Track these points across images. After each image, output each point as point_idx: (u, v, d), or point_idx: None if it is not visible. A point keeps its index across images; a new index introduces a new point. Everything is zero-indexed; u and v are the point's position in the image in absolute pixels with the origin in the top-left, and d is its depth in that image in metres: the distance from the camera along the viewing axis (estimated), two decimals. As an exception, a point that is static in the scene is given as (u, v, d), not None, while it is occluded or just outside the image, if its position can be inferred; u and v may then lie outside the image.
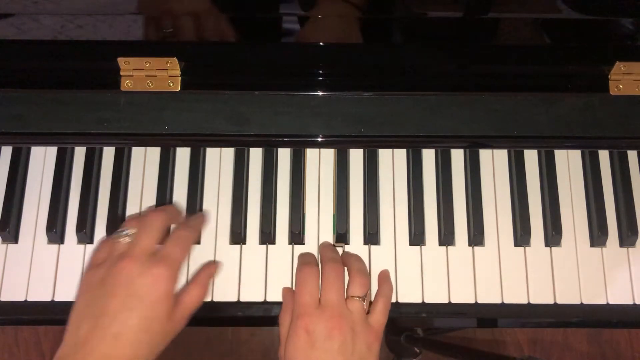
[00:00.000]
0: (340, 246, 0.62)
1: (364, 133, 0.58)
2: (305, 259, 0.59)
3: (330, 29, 0.59)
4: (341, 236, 0.62)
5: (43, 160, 0.64)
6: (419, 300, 0.60)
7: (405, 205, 0.63)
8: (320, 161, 0.64)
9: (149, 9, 0.57)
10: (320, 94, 0.59)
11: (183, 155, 0.64)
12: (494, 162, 0.65)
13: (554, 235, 0.61)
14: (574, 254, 0.62)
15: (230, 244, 0.62)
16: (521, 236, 0.61)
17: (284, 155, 0.65)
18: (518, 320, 0.61)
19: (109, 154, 0.64)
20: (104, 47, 0.59)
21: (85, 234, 0.61)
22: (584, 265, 0.61)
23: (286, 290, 0.59)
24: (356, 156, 0.65)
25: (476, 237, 0.61)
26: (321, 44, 0.59)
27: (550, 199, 0.63)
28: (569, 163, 0.65)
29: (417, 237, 0.61)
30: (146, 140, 0.61)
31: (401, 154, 0.65)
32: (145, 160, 0.64)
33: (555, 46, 0.60)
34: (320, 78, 0.60)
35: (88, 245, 0.62)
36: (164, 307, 0.50)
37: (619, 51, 0.59)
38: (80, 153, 0.64)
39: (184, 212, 0.62)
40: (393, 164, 0.64)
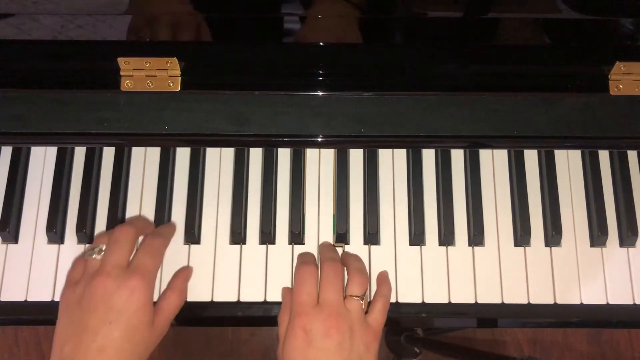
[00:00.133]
0: (340, 246, 0.62)
1: (364, 133, 0.58)
2: (304, 259, 0.59)
3: (330, 29, 0.59)
4: (341, 236, 0.62)
5: (43, 160, 0.64)
6: (419, 300, 0.60)
7: (405, 205, 0.63)
8: (320, 161, 0.64)
9: (149, 8, 0.57)
10: (320, 94, 0.59)
11: (183, 155, 0.64)
12: (494, 162, 0.65)
13: (554, 235, 0.61)
14: (574, 254, 0.62)
15: (230, 244, 0.62)
16: (521, 236, 0.61)
17: (284, 155, 0.65)
18: (518, 320, 0.61)
19: (109, 154, 0.64)
20: (104, 47, 0.59)
21: (85, 234, 0.61)
22: (584, 265, 0.61)
23: (285, 290, 0.59)
24: (356, 156, 0.65)
25: (476, 237, 0.61)
26: (321, 44, 0.59)
27: (550, 199, 0.62)
28: (569, 163, 0.65)
29: (417, 237, 0.61)
30: (146, 140, 0.61)
31: (401, 154, 0.65)
32: (145, 160, 0.64)
33: (555, 46, 0.60)
34: (320, 78, 0.60)
35: (88, 245, 0.62)
36: (144, 316, 0.52)
37: (619, 51, 0.59)
38: (80, 153, 0.64)
39: (152, 221, 0.62)
40: (393, 164, 0.64)
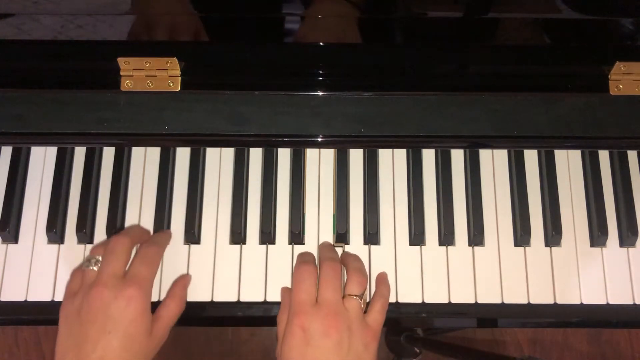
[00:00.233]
0: (340, 246, 0.62)
1: (364, 133, 0.58)
2: (304, 258, 0.59)
3: (330, 29, 0.59)
4: (341, 236, 0.62)
5: (43, 160, 0.64)
6: (419, 300, 0.60)
7: (405, 205, 0.63)
8: (320, 161, 0.64)
9: (149, 9, 0.57)
10: (320, 94, 0.59)
11: (183, 155, 0.64)
12: (494, 162, 0.65)
13: (554, 235, 0.61)
14: (574, 254, 0.62)
15: (230, 244, 0.62)
16: (521, 236, 0.61)
17: (284, 155, 0.65)
18: (518, 320, 0.61)
19: (109, 154, 0.64)
20: (104, 47, 0.59)
21: (85, 234, 0.61)
22: (584, 265, 0.61)
23: (284, 290, 0.59)
24: (356, 156, 0.65)
25: (476, 237, 0.61)
26: (321, 44, 0.59)
27: (550, 199, 0.62)
28: (569, 163, 0.65)
29: (417, 237, 0.61)
30: (146, 140, 0.61)
31: (401, 154, 0.65)
32: (145, 160, 0.64)
33: (555, 46, 0.60)
34: (320, 78, 0.60)
35: (88, 245, 0.62)
36: (142, 325, 0.52)
37: (619, 51, 0.59)
38: (80, 153, 0.64)
39: (150, 230, 0.62)
40: (393, 164, 0.64)
